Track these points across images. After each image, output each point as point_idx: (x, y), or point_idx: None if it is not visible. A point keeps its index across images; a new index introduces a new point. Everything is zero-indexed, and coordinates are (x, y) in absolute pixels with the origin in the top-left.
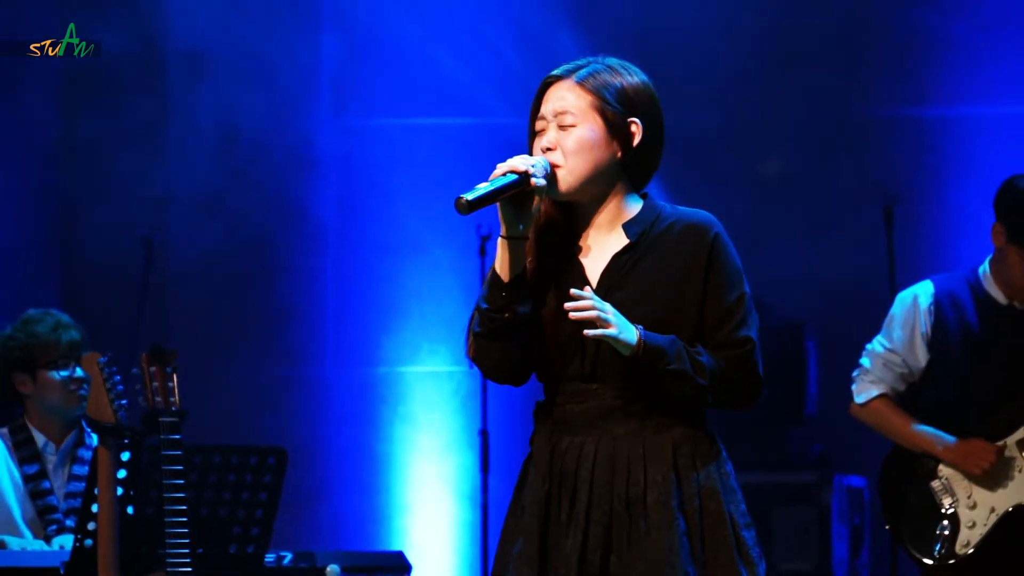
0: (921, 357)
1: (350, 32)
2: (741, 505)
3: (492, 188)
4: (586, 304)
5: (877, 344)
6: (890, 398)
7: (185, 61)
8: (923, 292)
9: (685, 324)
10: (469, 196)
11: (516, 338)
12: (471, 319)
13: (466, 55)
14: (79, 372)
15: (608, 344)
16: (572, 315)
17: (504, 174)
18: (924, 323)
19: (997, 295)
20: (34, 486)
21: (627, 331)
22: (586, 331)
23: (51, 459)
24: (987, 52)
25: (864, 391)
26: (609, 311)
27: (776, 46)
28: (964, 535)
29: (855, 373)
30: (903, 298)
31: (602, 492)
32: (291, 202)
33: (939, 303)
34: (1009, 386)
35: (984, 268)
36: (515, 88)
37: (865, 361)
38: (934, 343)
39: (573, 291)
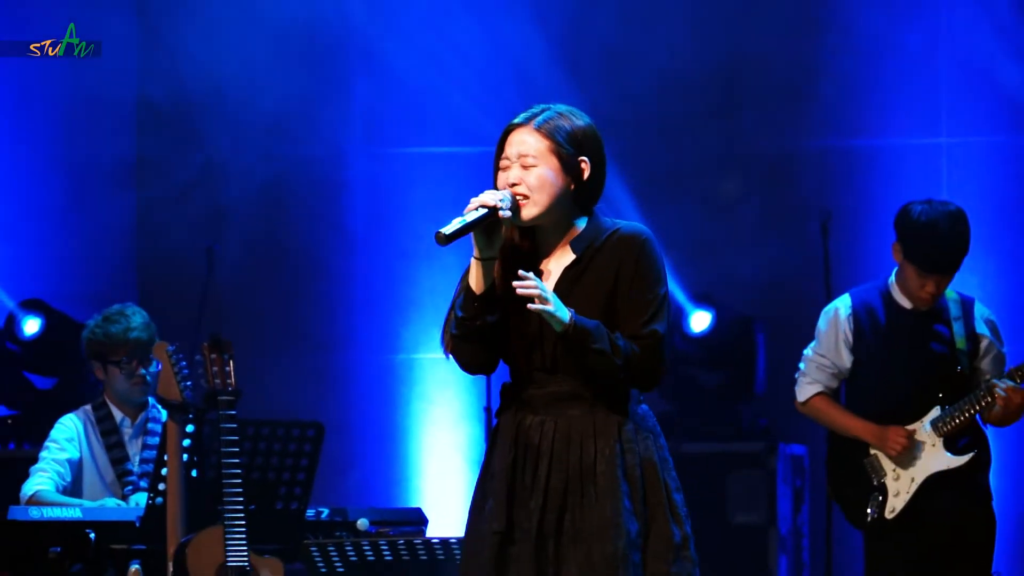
0: (846, 359)
1: (377, 76)
2: (672, 472)
3: (466, 223)
4: (530, 284)
5: (810, 351)
6: (826, 394)
7: (241, 99)
8: (843, 305)
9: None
10: (446, 231)
11: (486, 340)
12: (446, 321)
13: (473, 94)
14: (147, 368)
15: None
16: (519, 291)
17: (476, 208)
18: (845, 331)
19: (903, 301)
20: (113, 454)
21: (561, 310)
22: (528, 305)
23: (127, 431)
24: (904, 92)
25: (804, 391)
26: (548, 293)
27: (729, 88)
28: (891, 502)
29: (796, 375)
30: (827, 311)
31: (559, 462)
32: (327, 216)
33: (856, 313)
34: (917, 376)
35: (892, 279)
36: None
37: (802, 365)
38: (855, 347)
39: (520, 272)
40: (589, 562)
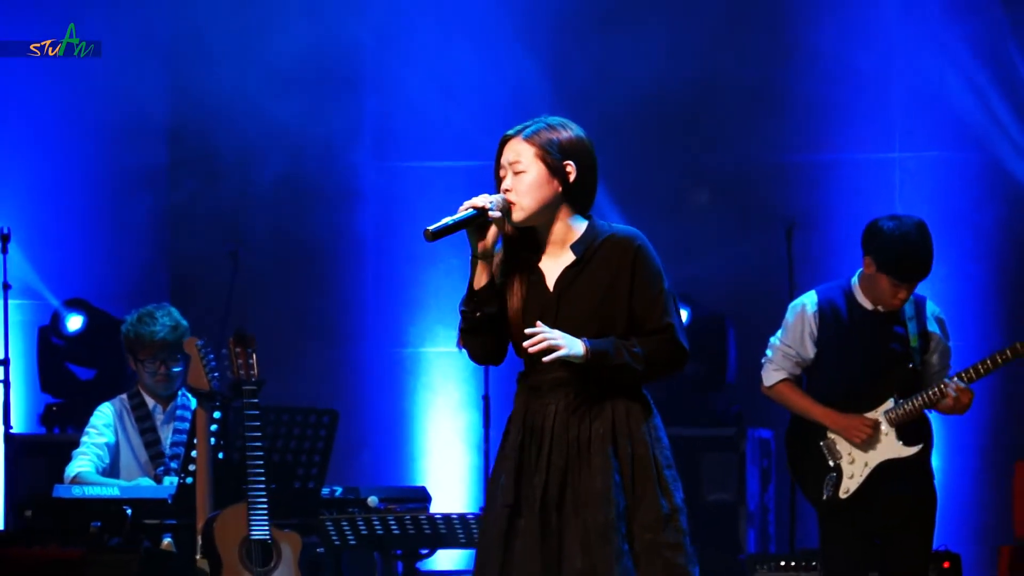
0: (810, 350)
1: (386, 96)
2: (666, 451)
3: (452, 221)
4: (539, 338)
5: (777, 340)
6: (791, 381)
7: (265, 117)
8: (809, 301)
9: (618, 315)
10: (432, 228)
11: (489, 331)
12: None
13: (472, 113)
14: (171, 366)
15: (537, 324)
16: (531, 350)
17: (467, 210)
18: (811, 325)
19: (864, 302)
20: (147, 438)
21: (574, 347)
22: (544, 358)
23: (159, 417)
24: (861, 111)
25: (770, 376)
26: (558, 336)
27: (703, 107)
28: (845, 483)
29: (763, 361)
30: (794, 306)
31: (560, 442)
32: (341, 224)
33: (821, 309)
34: (874, 371)
35: (855, 280)
36: None
37: (769, 352)
38: (819, 340)
39: (527, 331)
40: (585, 531)
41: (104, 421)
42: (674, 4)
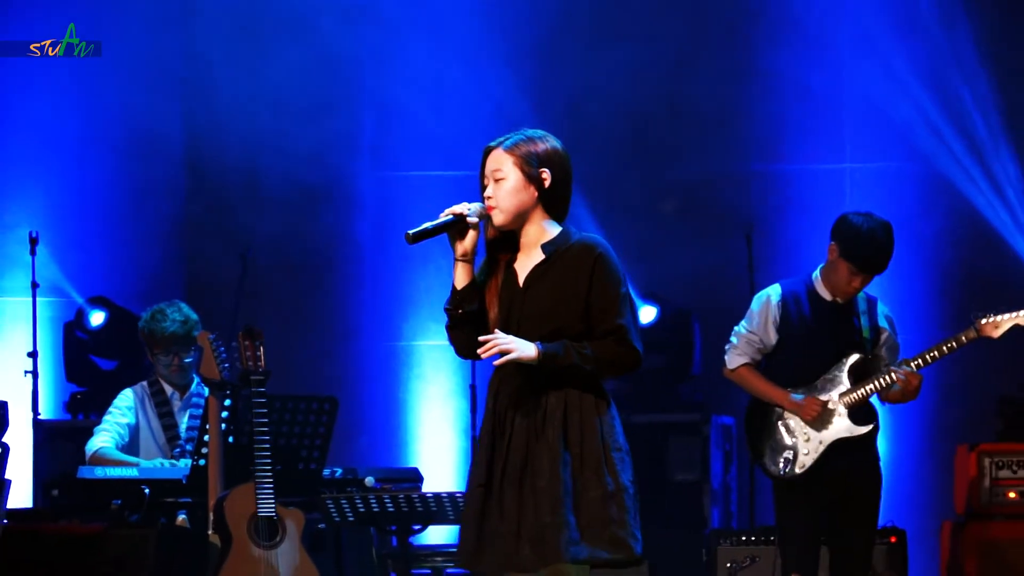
0: (773, 337)
1: (382, 111)
2: (616, 436)
3: (432, 226)
4: (491, 344)
5: (742, 327)
6: (751, 365)
7: (272, 131)
8: (774, 292)
9: (575, 313)
10: (412, 231)
11: (471, 328)
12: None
13: (460, 127)
14: (183, 358)
15: (527, 326)
16: (483, 355)
17: (446, 216)
18: (775, 314)
19: (824, 293)
20: (165, 422)
21: (526, 349)
22: (495, 362)
23: (176, 404)
24: (814, 125)
25: (733, 360)
26: (510, 340)
27: (671, 122)
28: (800, 460)
29: (727, 347)
30: (760, 296)
31: (520, 426)
32: (341, 228)
33: (785, 300)
34: (829, 357)
35: (816, 274)
36: None
37: (734, 339)
38: (781, 328)
39: (480, 338)
40: (537, 504)
41: (127, 404)
42: (645, 29)
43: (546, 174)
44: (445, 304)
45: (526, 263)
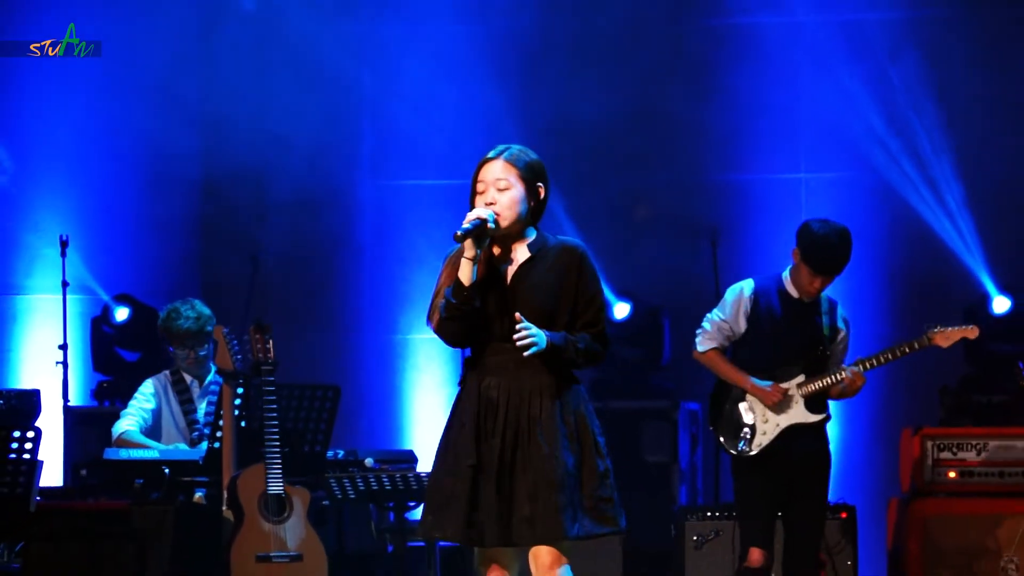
0: (742, 326)
1: (380, 126)
2: (596, 423)
3: (470, 227)
4: (524, 334)
5: (714, 314)
6: (719, 350)
7: (280, 142)
8: (747, 286)
9: (562, 307)
10: (460, 232)
11: (469, 319)
12: (431, 309)
13: (451, 139)
14: (199, 351)
15: (517, 317)
16: (519, 343)
17: (475, 219)
18: (747, 305)
19: (792, 292)
20: (185, 408)
21: (542, 341)
22: (524, 353)
23: (196, 392)
24: (772, 138)
25: (704, 344)
26: (535, 332)
27: (642, 136)
28: (758, 439)
29: (698, 331)
30: (734, 288)
31: (513, 412)
32: (343, 231)
33: (757, 294)
34: (791, 349)
35: (785, 274)
36: None
37: (706, 324)
38: (751, 318)
39: (518, 325)
40: (533, 485)
41: (150, 391)
42: (618, 53)
43: (542, 187)
44: (450, 297)
45: (511, 263)
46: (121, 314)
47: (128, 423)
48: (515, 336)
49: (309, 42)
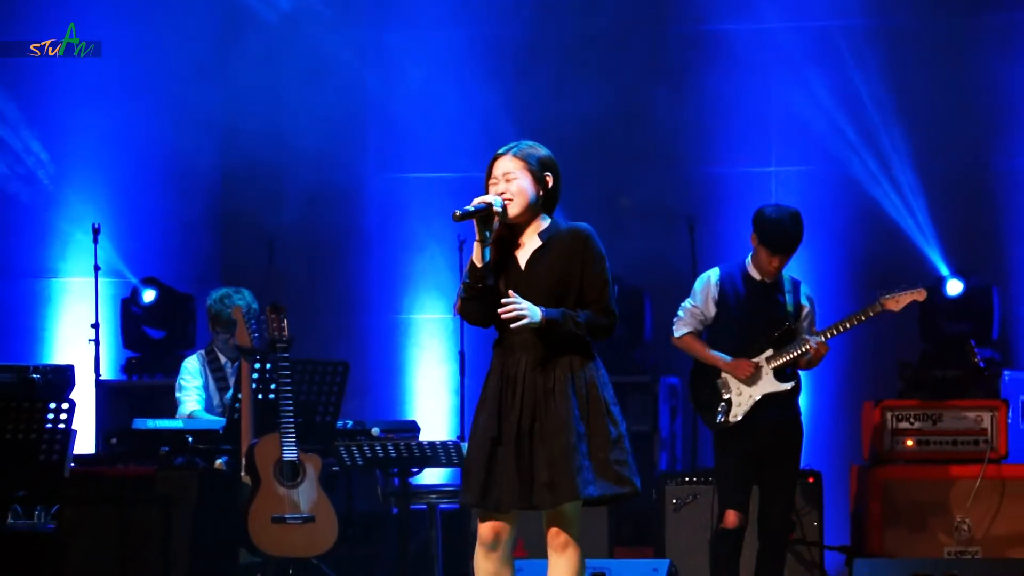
0: (712, 311)
1: (385, 124)
2: (610, 392)
3: (472, 209)
4: (511, 308)
5: (687, 303)
6: (694, 334)
7: (295, 139)
8: (713, 274)
9: (571, 287)
10: (459, 212)
11: (485, 300)
12: (458, 294)
13: (452, 135)
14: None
15: (531, 301)
16: (503, 316)
17: (480, 202)
18: (714, 291)
19: (755, 274)
20: (219, 384)
21: (535, 315)
22: (512, 325)
23: (229, 370)
24: (744, 135)
25: (680, 330)
26: (524, 307)
27: (627, 135)
28: (734, 411)
29: (674, 319)
30: (702, 277)
31: (530, 386)
32: (352, 220)
33: (722, 280)
34: (759, 327)
35: (748, 259)
36: (489, 155)
37: (680, 312)
38: (719, 303)
39: (504, 300)
40: (551, 452)
41: (195, 367)
42: (606, 56)
43: (550, 177)
44: (463, 278)
45: (526, 249)
46: (148, 296)
47: (192, 404)
48: (500, 311)
49: (319, 48)
